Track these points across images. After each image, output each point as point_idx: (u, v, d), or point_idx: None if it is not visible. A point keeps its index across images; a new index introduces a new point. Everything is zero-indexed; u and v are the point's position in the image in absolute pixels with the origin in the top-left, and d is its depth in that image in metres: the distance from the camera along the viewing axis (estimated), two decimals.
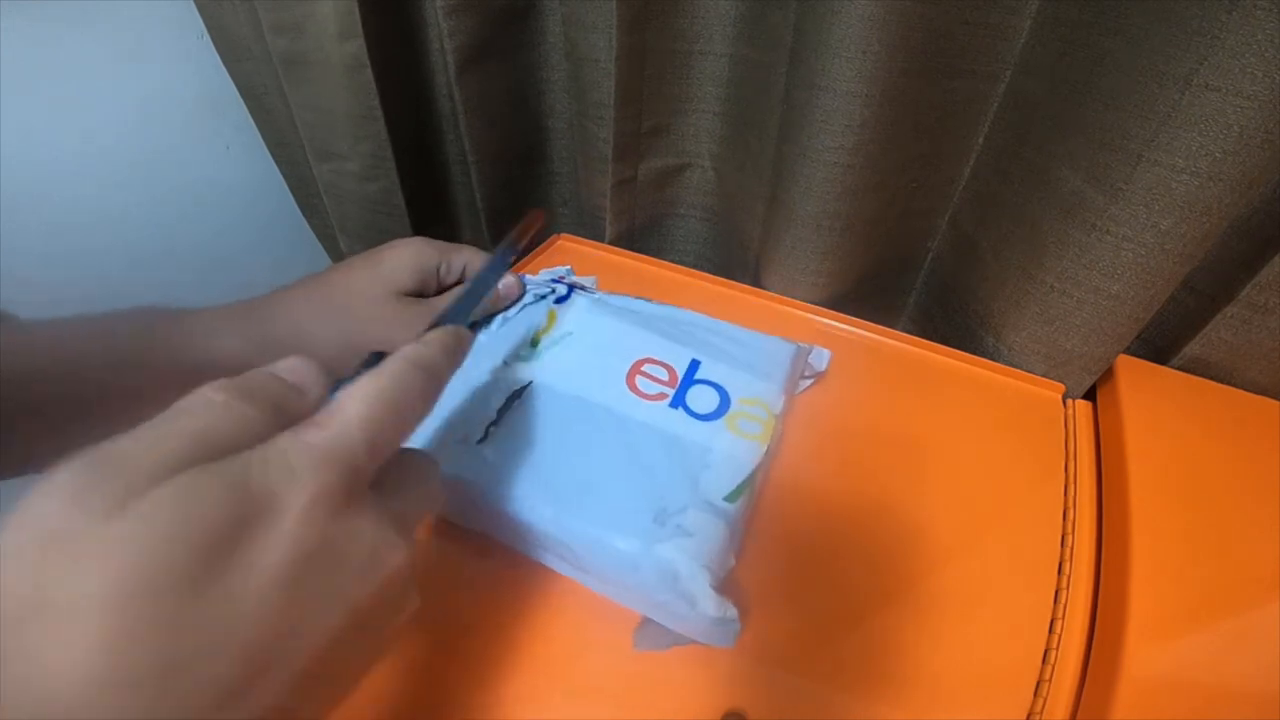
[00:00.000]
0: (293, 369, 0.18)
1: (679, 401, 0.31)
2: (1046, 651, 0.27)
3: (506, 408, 0.31)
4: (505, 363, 0.33)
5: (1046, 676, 0.27)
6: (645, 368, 0.33)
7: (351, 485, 0.16)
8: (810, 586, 0.30)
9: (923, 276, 0.49)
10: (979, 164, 0.41)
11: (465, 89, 0.48)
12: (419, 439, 0.29)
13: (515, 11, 0.47)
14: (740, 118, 0.46)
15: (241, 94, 0.60)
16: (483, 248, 0.61)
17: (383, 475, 0.18)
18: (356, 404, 0.17)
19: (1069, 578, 0.30)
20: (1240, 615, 0.27)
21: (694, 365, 0.33)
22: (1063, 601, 0.29)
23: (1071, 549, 0.31)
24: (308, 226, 0.71)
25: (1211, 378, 0.37)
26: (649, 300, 0.38)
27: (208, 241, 0.61)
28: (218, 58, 0.57)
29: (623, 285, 0.48)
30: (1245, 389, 0.36)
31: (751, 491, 0.29)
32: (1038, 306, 0.37)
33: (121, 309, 0.28)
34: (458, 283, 0.35)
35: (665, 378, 0.33)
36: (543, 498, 0.28)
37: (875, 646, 0.28)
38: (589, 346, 0.34)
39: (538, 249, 0.52)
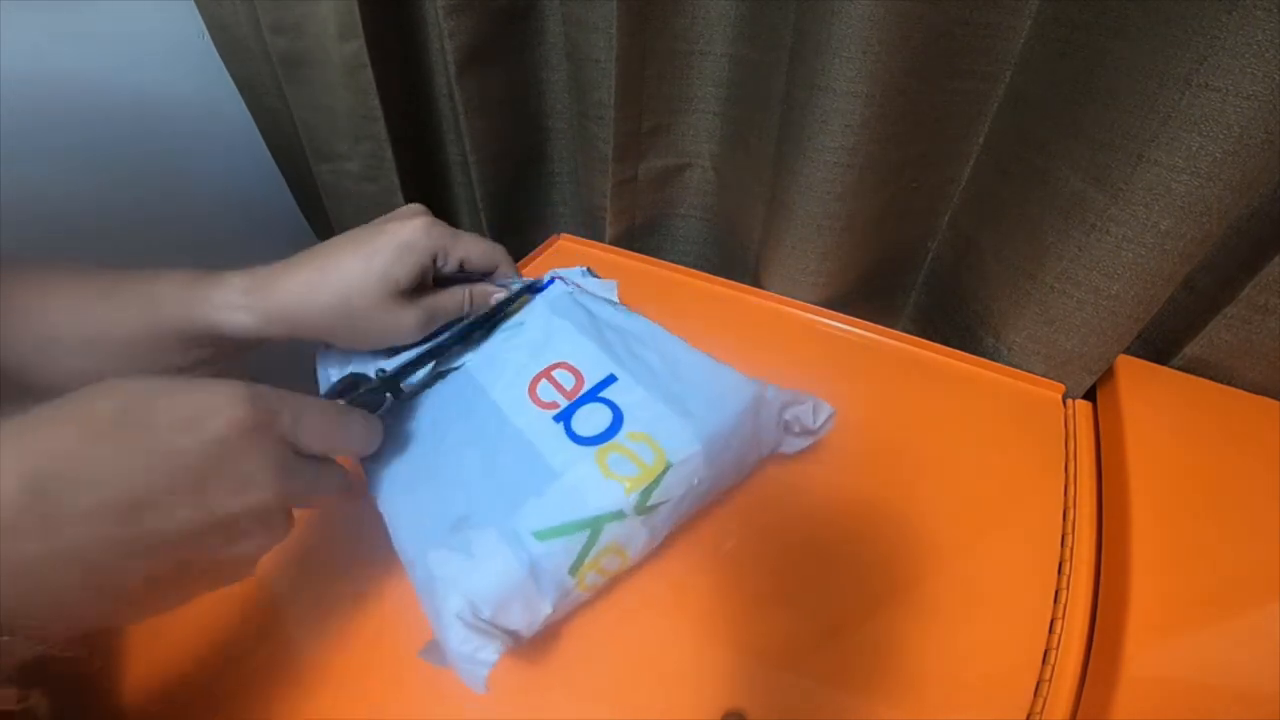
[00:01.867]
0: None
1: (565, 415, 0.28)
2: (1046, 651, 0.27)
3: (426, 381, 0.31)
4: (458, 339, 0.33)
5: (1046, 676, 0.27)
6: (556, 372, 0.30)
7: (268, 424, 0.22)
8: (810, 586, 0.30)
9: (923, 276, 0.49)
10: (979, 164, 0.41)
11: (465, 89, 0.48)
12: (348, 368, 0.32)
13: (515, 12, 0.47)
14: (740, 118, 0.46)
15: (241, 93, 0.60)
16: None
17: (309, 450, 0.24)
18: (305, 398, 0.24)
19: (1069, 578, 0.30)
20: (1240, 615, 0.27)
21: (608, 380, 0.29)
22: (1063, 601, 0.29)
23: (1071, 549, 0.31)
24: (308, 226, 0.71)
25: (1211, 378, 0.37)
26: (625, 311, 0.35)
27: (207, 241, 0.61)
28: (218, 57, 0.57)
29: (623, 285, 0.48)
30: (1245, 389, 0.36)
31: (590, 540, 0.25)
32: (1038, 306, 0.37)
33: (147, 271, 0.30)
34: (458, 272, 0.34)
35: (570, 387, 0.30)
36: (388, 477, 0.28)
37: (875, 646, 0.28)
38: (524, 341, 0.33)
39: (537, 249, 0.52)
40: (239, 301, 0.29)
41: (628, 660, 0.27)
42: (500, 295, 0.35)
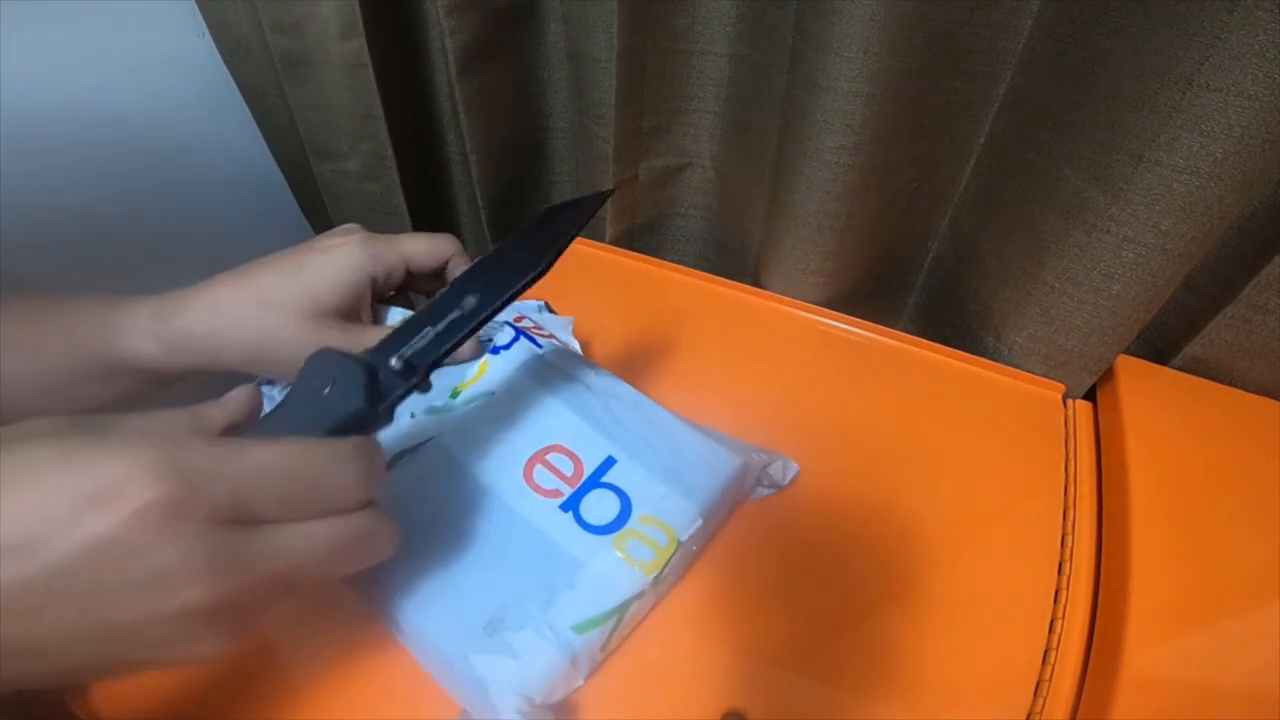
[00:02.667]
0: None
1: (573, 504, 0.28)
2: (1046, 651, 0.27)
3: (393, 464, 0.29)
4: (413, 413, 0.31)
5: (1046, 676, 0.27)
6: (551, 456, 0.29)
7: (191, 506, 0.16)
8: (810, 586, 0.30)
9: (923, 276, 0.49)
10: (980, 164, 0.41)
11: (466, 88, 0.48)
12: None
13: (516, 11, 0.47)
14: (741, 118, 0.46)
15: (242, 93, 0.60)
16: (484, 247, 0.61)
17: (273, 523, 0.18)
18: (255, 456, 0.18)
19: (1069, 578, 0.30)
20: (1240, 615, 0.27)
21: (607, 464, 0.29)
22: (1063, 601, 0.29)
23: (1071, 549, 0.31)
24: (308, 226, 0.71)
25: (1211, 378, 0.37)
26: (600, 370, 0.34)
27: (207, 241, 0.61)
28: (218, 57, 0.57)
29: (623, 285, 0.48)
30: (1245, 389, 0.36)
31: (618, 621, 0.26)
32: (1038, 306, 0.37)
33: (68, 298, 0.27)
34: (396, 292, 0.31)
35: (569, 473, 0.29)
36: (388, 571, 0.26)
37: (875, 646, 0.28)
38: (503, 416, 0.31)
39: None
40: (145, 328, 0.26)
41: (628, 660, 0.27)
42: (466, 348, 0.30)
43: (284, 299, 0.26)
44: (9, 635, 0.15)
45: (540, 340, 0.34)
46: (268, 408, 0.22)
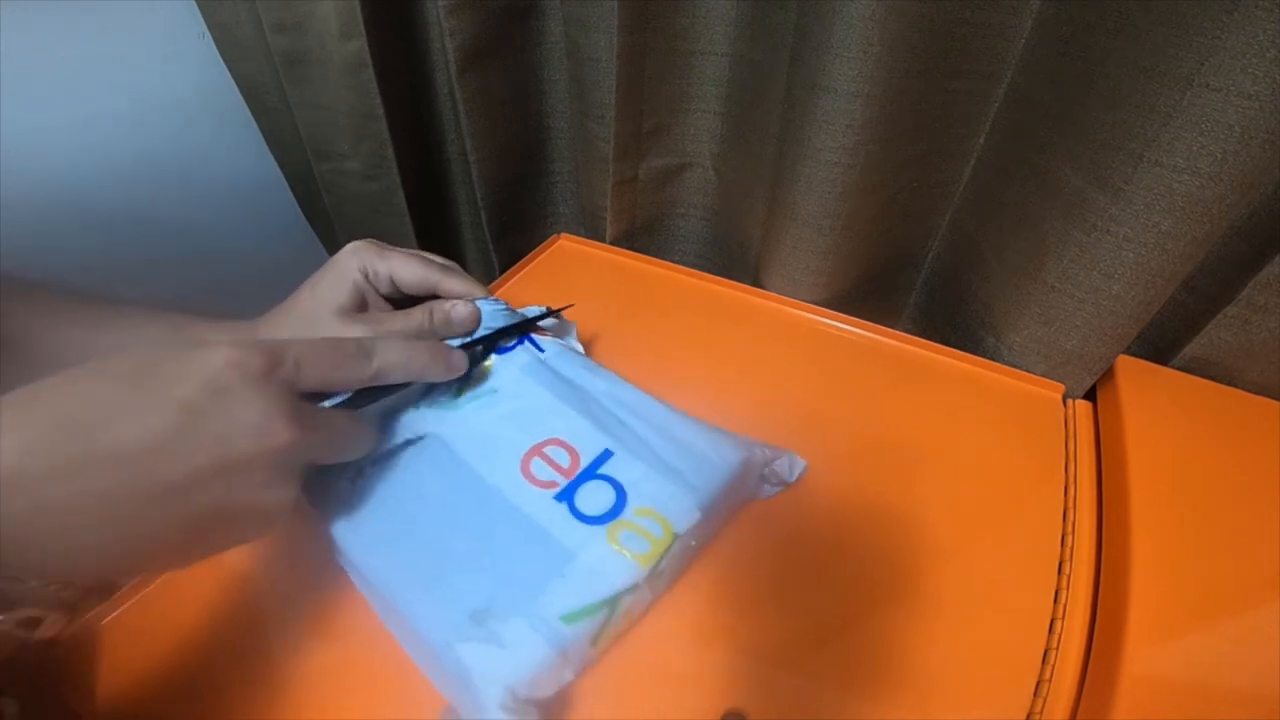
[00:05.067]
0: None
1: (567, 495, 0.28)
2: (1046, 651, 0.27)
3: (395, 452, 0.30)
4: (418, 407, 0.32)
5: (1046, 676, 0.27)
6: (548, 449, 0.30)
7: (270, 370, 0.22)
8: (810, 586, 0.30)
9: (923, 276, 0.49)
10: (979, 164, 0.41)
11: (466, 88, 0.48)
12: None
13: (516, 11, 0.47)
14: (741, 118, 0.46)
15: (242, 93, 0.60)
16: (484, 245, 0.61)
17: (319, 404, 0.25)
18: (303, 341, 0.25)
19: (1069, 578, 0.30)
20: (1240, 615, 0.27)
21: (604, 456, 0.29)
22: (1063, 601, 0.29)
23: (1071, 549, 0.31)
24: (308, 226, 0.71)
25: (1212, 378, 0.37)
26: (602, 370, 0.34)
27: (208, 241, 0.61)
28: (218, 57, 0.57)
29: (623, 285, 0.48)
30: (1245, 389, 0.36)
31: (610, 614, 0.26)
32: (1038, 306, 0.37)
33: (143, 309, 0.31)
34: (394, 291, 0.35)
35: (566, 464, 0.29)
36: (381, 556, 0.27)
37: (875, 646, 0.28)
38: (504, 414, 0.31)
39: (538, 249, 0.52)
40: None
41: (628, 660, 0.27)
42: (460, 309, 0.33)
43: (317, 309, 0.32)
44: (179, 471, 0.20)
45: (543, 343, 0.35)
46: None
